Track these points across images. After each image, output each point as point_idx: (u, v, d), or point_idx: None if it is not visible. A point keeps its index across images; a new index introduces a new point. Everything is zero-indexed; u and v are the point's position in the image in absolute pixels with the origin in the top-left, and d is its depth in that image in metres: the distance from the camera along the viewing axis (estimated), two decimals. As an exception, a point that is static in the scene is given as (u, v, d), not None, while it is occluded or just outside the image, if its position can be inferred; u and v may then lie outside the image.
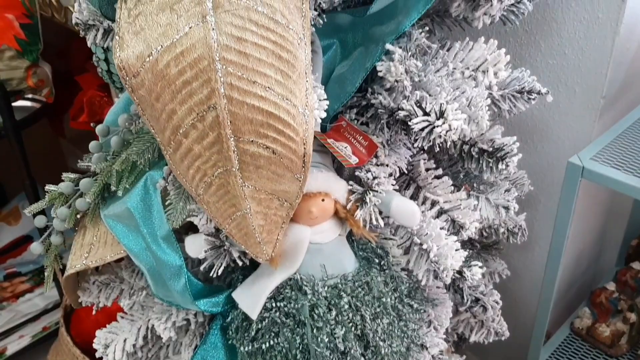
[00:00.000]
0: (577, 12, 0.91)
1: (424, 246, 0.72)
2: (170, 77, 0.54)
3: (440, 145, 0.68)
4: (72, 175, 0.75)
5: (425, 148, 0.75)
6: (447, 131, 0.63)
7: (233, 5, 0.54)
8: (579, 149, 0.90)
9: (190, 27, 0.53)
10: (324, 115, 0.61)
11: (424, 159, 0.80)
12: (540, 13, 0.95)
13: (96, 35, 0.70)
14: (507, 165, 0.75)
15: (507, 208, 0.81)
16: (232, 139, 0.56)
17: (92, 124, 0.77)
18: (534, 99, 0.79)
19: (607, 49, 0.90)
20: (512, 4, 0.77)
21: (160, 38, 0.53)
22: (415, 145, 0.69)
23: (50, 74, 1.38)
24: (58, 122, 1.60)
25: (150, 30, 0.54)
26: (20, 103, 1.49)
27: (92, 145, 0.72)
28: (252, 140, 0.57)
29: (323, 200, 0.68)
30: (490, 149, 0.77)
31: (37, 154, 1.54)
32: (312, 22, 0.64)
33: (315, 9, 0.61)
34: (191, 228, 0.73)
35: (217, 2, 0.53)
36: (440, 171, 0.80)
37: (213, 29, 0.53)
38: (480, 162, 0.77)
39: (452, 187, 0.79)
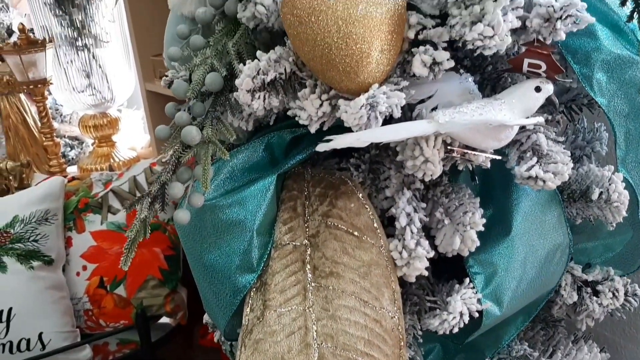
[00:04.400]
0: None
1: None
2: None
3: None
4: None
5: None
6: None
7: (337, 357, 0.60)
8: None
9: (297, 376, 0.60)
10: None
11: None
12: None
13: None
14: None
15: None
16: None
17: None
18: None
19: None
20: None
21: (271, 386, 0.61)
22: None
23: (186, 297, 1.54)
24: (189, 336, 1.74)
25: (264, 378, 0.61)
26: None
27: None
28: None
29: None
30: None
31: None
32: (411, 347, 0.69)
33: (412, 344, 0.66)
34: None
35: (321, 354, 0.60)
36: None
37: (317, 377, 0.59)
38: None
39: None
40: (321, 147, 0.57)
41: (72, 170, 1.86)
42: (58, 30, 1.68)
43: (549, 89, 0.57)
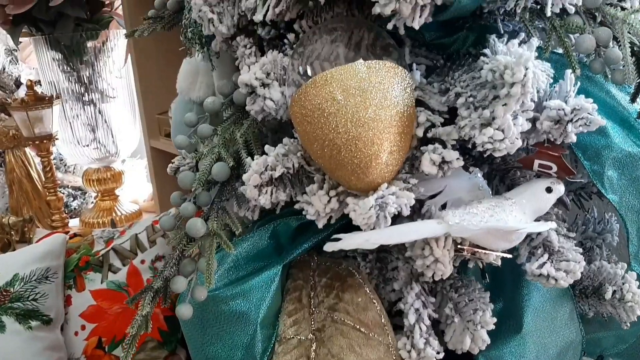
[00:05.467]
0: None
1: None
2: None
3: None
4: None
5: None
6: None
7: None
8: None
9: None
10: None
11: None
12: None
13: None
14: None
15: None
16: None
17: None
18: None
19: None
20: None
21: None
22: None
23: (185, 359, 1.50)
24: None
25: None
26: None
27: None
28: None
29: None
30: None
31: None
32: None
33: None
34: None
35: None
36: None
37: None
38: None
39: None
40: (329, 247, 0.56)
41: (74, 223, 1.85)
42: (65, 85, 1.69)
43: (560, 189, 0.57)
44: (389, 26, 0.55)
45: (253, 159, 0.63)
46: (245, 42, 0.62)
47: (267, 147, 0.60)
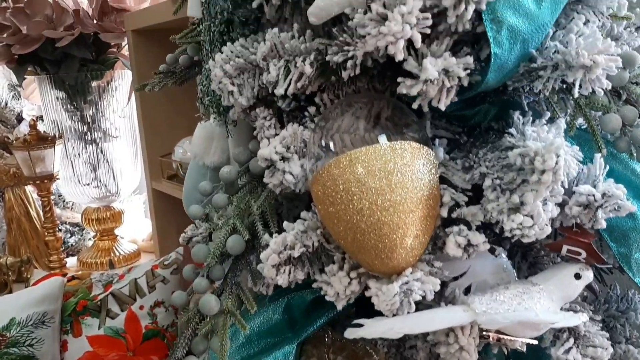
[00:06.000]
0: None
1: None
2: None
3: None
4: None
5: None
6: None
7: None
8: None
9: None
10: None
11: None
12: None
13: None
14: None
15: None
16: None
17: None
18: None
19: None
20: None
21: None
22: None
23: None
24: None
25: None
26: None
27: None
28: None
29: None
30: None
31: None
32: None
33: None
34: None
35: None
36: None
37: None
38: None
39: None
40: (350, 334, 0.54)
41: (72, 262, 1.82)
42: (68, 123, 1.67)
43: (589, 276, 0.55)
44: (414, 106, 0.54)
45: (269, 230, 0.61)
46: (265, 113, 0.61)
47: (285, 224, 0.58)
